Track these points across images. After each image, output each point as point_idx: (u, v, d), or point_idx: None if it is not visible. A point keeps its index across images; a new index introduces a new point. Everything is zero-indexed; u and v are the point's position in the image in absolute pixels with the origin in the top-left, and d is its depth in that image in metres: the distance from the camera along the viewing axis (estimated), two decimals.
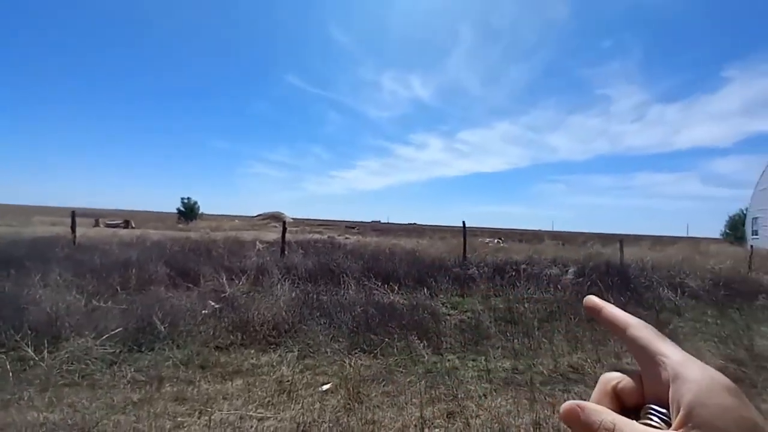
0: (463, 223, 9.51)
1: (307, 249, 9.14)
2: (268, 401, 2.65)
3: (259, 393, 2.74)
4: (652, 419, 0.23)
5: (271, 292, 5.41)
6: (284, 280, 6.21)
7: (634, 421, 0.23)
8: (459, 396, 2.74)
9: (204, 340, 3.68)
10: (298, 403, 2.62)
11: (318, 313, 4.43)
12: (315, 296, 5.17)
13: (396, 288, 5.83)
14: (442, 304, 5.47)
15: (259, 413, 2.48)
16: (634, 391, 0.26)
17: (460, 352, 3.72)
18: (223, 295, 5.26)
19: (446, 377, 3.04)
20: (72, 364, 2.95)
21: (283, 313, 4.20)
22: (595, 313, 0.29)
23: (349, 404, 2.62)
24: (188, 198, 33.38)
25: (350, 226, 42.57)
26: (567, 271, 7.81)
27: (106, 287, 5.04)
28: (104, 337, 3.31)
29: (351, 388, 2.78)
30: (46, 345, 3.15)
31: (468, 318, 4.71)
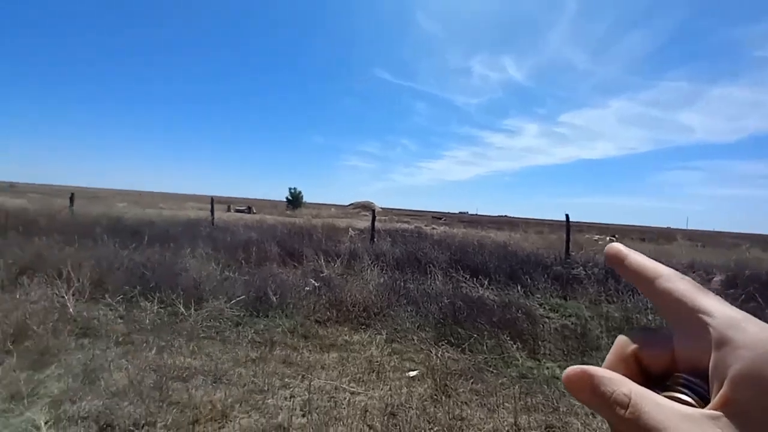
0: (567, 216, 8.44)
1: (395, 237, 9.37)
2: (359, 377, 2.82)
3: (352, 368, 2.94)
4: (682, 392, 0.18)
5: (361, 276, 5.75)
6: (373, 266, 6.52)
7: (658, 394, 0.17)
8: (561, 409, 2.45)
9: (306, 314, 4.11)
10: (387, 385, 2.72)
11: (405, 300, 4.52)
12: (402, 283, 5.27)
13: (485, 282, 5.56)
14: (540, 305, 4.98)
15: (351, 387, 2.65)
16: (662, 358, 0.20)
17: (562, 360, 3.33)
18: (321, 275, 5.80)
19: (544, 386, 2.76)
20: (210, 321, 3.63)
21: (373, 297, 4.41)
22: (617, 263, 0.23)
23: (436, 395, 2.60)
24: (294, 188, 37.66)
25: (437, 217, 42.19)
26: (711, 279, 6.28)
27: (234, 261, 6.06)
28: (233, 302, 3.98)
29: (438, 380, 2.75)
30: (192, 304, 3.94)
31: (572, 324, 4.18)
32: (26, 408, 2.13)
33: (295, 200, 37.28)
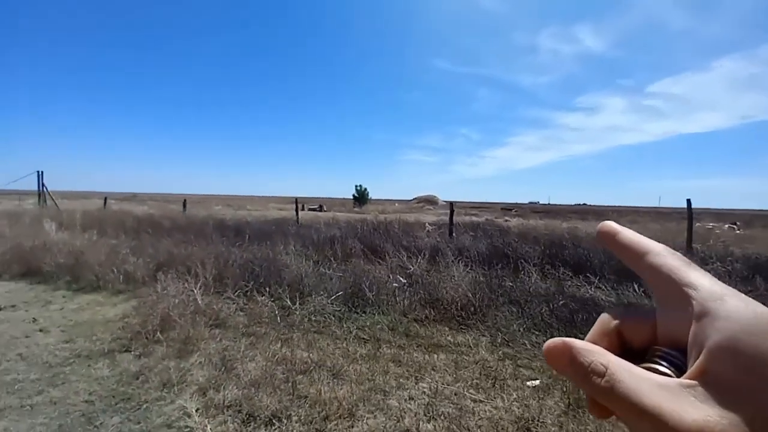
0: (688, 201, 7.09)
1: (475, 231, 8.94)
2: (476, 383, 2.63)
3: (465, 373, 2.76)
4: (660, 363, 0.19)
5: (447, 273, 5.55)
6: (458, 262, 6.27)
7: (633, 365, 0.18)
8: None
9: (402, 311, 4.06)
10: (508, 394, 2.49)
11: (503, 300, 4.20)
12: (498, 281, 4.93)
13: (594, 280, 4.92)
14: None
15: (471, 394, 2.49)
16: (644, 332, 0.21)
17: None
18: (408, 271, 5.75)
19: None
20: (315, 316, 3.78)
21: (469, 295, 4.18)
22: (609, 239, 0.23)
23: (569, 410, 2.29)
24: (360, 185, 38.83)
25: (507, 208, 39.75)
26: None
27: (323, 257, 6.35)
28: (332, 297, 4.10)
29: (569, 392, 2.44)
30: (297, 298, 4.17)
31: None
32: (177, 395, 2.38)
33: (361, 197, 38.45)
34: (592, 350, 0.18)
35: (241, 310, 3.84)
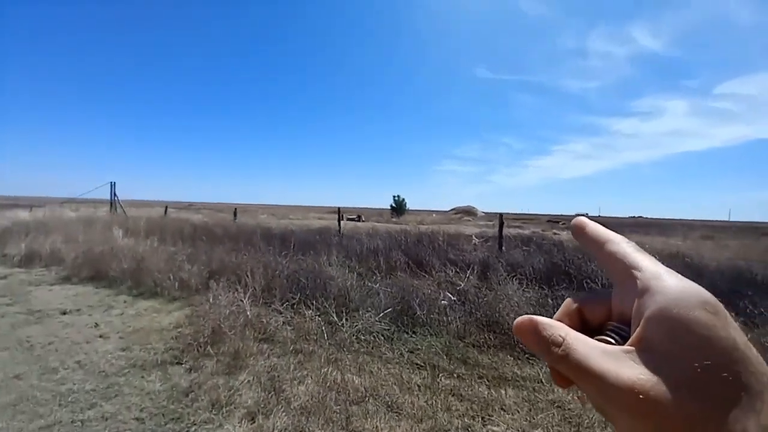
0: None
1: (528, 245, 8.28)
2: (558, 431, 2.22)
3: (544, 418, 2.35)
4: (610, 335, 0.22)
5: (500, 290, 5.08)
6: (511, 279, 5.76)
7: (588, 338, 0.21)
8: None
9: (455, 333, 3.70)
10: None
11: None
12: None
13: None
14: None
15: None
16: (600, 312, 0.24)
17: None
18: (458, 288, 5.37)
19: None
20: (363, 334, 3.54)
21: None
22: (579, 232, 0.26)
23: None
24: (398, 196, 38.75)
25: (553, 220, 37.31)
26: None
27: (366, 269, 6.16)
28: (380, 315, 3.85)
29: None
30: (343, 314, 3.97)
31: None
32: (225, 419, 2.23)
33: (399, 207, 38.29)
34: (553, 325, 0.21)
35: (288, 323, 3.71)
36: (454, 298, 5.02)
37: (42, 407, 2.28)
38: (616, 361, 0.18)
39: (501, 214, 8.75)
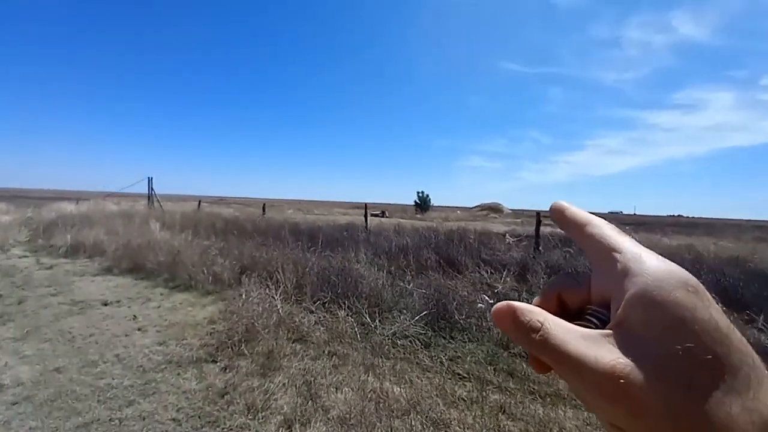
0: None
1: (568, 245, 7.79)
2: None
3: None
4: (589, 320, 0.21)
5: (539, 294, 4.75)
6: None
7: (567, 322, 0.20)
8: None
9: (496, 340, 3.44)
10: None
11: None
12: None
13: (759, 320, 3.71)
14: None
15: None
16: (579, 296, 0.23)
17: None
18: (495, 290, 5.08)
19: None
20: (399, 338, 3.36)
21: None
22: (559, 215, 0.25)
23: None
24: (423, 191, 38.28)
25: None
26: None
27: (397, 267, 5.98)
28: (416, 317, 3.65)
29: None
30: (376, 315, 3.81)
31: None
32: (261, 425, 2.12)
33: (423, 203, 37.83)
34: (531, 310, 0.20)
35: (320, 323, 3.60)
36: (492, 301, 4.75)
37: (80, 403, 2.27)
38: (594, 345, 0.18)
39: (538, 212, 8.29)
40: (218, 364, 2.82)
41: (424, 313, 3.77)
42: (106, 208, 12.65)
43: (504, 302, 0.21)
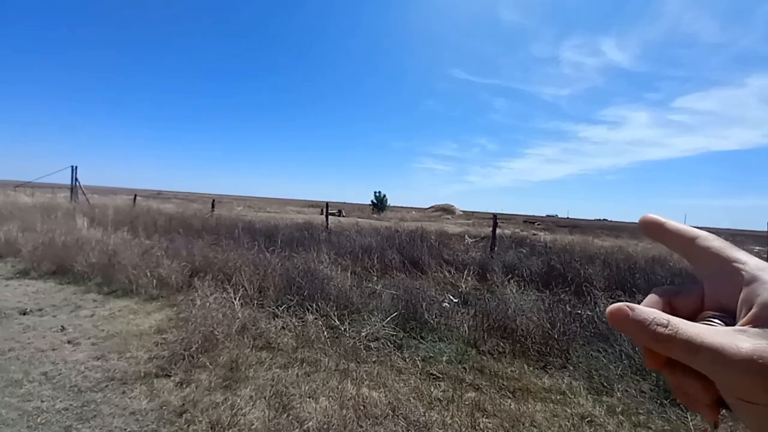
0: None
1: (521, 247, 8.30)
2: None
3: None
4: (712, 321, 0.22)
5: (500, 294, 4.99)
6: (509, 281, 5.70)
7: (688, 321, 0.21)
8: None
9: (465, 339, 3.53)
10: None
11: (587, 333, 3.59)
12: (565, 307, 4.33)
13: None
14: None
15: None
16: (692, 303, 0.25)
17: None
18: (459, 289, 5.22)
19: None
20: (370, 340, 3.29)
21: (547, 325, 3.60)
22: (656, 228, 0.27)
23: None
24: (380, 192, 38.50)
25: (529, 221, 38.42)
26: None
27: (362, 269, 5.89)
28: (387, 319, 3.61)
29: None
30: (345, 317, 3.70)
31: None
32: None
33: (380, 203, 38.07)
34: (651, 310, 0.21)
35: (287, 328, 3.39)
36: (456, 300, 4.88)
37: (9, 428, 1.87)
38: (729, 337, 0.19)
39: (495, 215, 8.72)
40: (172, 378, 2.51)
41: (394, 314, 3.74)
42: (19, 200, 10.85)
43: (618, 304, 0.22)
